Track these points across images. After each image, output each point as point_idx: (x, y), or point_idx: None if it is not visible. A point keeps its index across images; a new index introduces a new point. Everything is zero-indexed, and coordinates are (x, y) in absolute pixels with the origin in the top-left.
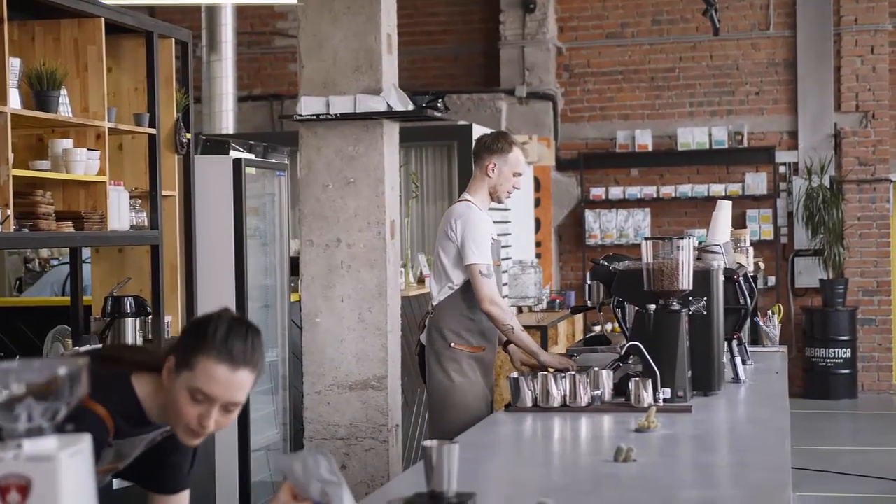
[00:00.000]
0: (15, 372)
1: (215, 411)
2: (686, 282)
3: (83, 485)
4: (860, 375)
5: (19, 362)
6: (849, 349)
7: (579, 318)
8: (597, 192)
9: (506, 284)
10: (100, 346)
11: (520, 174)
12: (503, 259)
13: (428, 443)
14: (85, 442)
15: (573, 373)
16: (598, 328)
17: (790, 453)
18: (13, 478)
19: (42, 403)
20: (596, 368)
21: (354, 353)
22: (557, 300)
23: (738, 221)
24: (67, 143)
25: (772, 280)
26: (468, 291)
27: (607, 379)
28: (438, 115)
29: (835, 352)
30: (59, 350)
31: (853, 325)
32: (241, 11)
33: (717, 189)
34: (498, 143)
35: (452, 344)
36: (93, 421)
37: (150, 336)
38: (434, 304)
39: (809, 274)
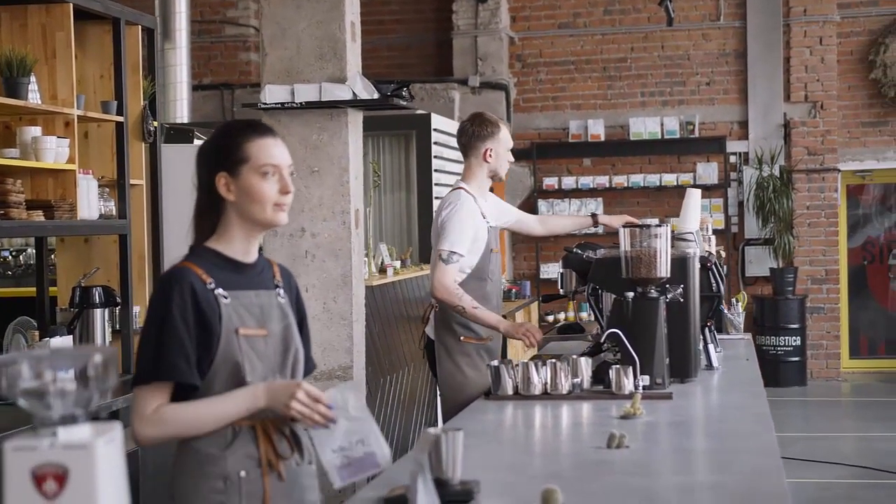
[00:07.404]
0: (48, 359)
1: (285, 176)
2: (664, 269)
3: (118, 472)
4: (809, 363)
5: (52, 350)
6: (798, 337)
7: (534, 307)
8: (550, 181)
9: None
10: None
11: (511, 147)
12: None
13: (433, 430)
14: (117, 430)
15: (553, 361)
16: (562, 316)
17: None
18: (49, 467)
19: (76, 391)
20: (574, 356)
21: (319, 342)
22: (514, 290)
23: None
24: (36, 130)
25: (723, 269)
26: (471, 283)
27: (586, 367)
28: (404, 103)
29: (785, 339)
30: (21, 342)
31: (802, 314)
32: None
33: (669, 179)
34: (487, 128)
35: (462, 338)
36: (179, 270)
37: (118, 327)
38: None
39: (760, 263)
